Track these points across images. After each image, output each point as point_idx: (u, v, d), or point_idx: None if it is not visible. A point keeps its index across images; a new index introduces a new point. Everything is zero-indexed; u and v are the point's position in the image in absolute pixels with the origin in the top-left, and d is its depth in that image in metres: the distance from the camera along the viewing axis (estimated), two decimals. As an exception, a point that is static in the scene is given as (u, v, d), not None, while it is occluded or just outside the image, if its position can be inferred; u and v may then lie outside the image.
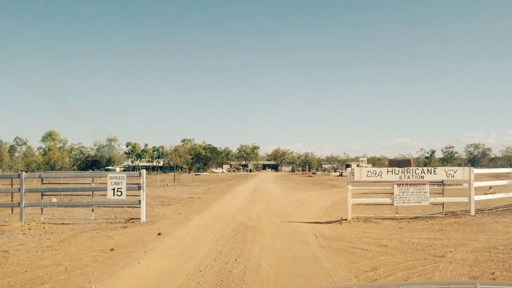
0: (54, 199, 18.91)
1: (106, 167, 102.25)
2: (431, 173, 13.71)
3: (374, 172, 13.86)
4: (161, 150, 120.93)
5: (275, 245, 9.77)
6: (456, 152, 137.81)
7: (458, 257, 8.08)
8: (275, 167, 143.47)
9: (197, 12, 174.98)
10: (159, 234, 11.31)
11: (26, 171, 76.19)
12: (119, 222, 13.67)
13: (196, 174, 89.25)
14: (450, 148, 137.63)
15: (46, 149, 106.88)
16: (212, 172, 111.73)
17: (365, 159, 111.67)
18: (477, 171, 14.78)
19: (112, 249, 9.34)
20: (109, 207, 16.42)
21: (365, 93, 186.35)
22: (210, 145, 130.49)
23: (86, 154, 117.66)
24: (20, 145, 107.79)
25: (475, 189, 14.06)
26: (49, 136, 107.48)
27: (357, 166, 50.10)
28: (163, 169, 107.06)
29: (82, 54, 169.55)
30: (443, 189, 14.15)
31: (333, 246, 9.54)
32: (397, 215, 13.95)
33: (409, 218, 13.56)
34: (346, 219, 13.42)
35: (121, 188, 13.70)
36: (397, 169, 13.83)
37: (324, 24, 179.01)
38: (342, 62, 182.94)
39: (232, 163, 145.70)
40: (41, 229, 12.34)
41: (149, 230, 12.03)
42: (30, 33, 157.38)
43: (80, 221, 13.93)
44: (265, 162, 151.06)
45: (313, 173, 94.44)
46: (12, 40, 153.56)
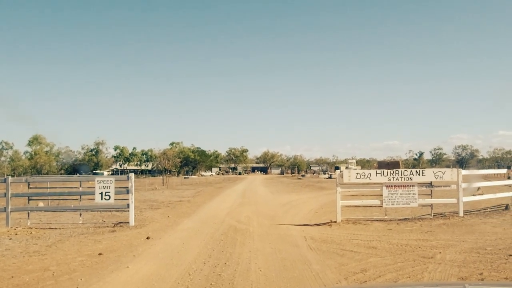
0: (41, 204, 18.68)
1: (94, 171, 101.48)
2: (420, 175, 13.79)
3: (363, 174, 13.91)
4: (150, 154, 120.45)
5: (265, 248, 9.75)
6: (445, 154, 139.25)
7: (447, 258, 8.12)
8: (264, 170, 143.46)
9: (181, 16, 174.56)
10: (148, 238, 11.23)
11: (13, 176, 75.50)
12: (107, 226, 13.56)
13: (185, 178, 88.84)
14: (439, 150, 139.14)
15: (33, 153, 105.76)
16: (201, 175, 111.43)
17: (354, 161, 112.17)
18: (465, 173, 14.89)
19: (100, 254, 9.25)
20: (97, 211, 16.26)
21: (354, 96, 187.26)
22: (199, 148, 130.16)
23: (74, 158, 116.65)
24: (6, 150, 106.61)
25: (464, 190, 14.16)
26: (35, 140, 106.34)
27: (346, 168, 50.30)
28: (152, 173, 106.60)
29: (69, 58, 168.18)
30: (432, 191, 14.24)
31: (323, 248, 9.54)
32: (386, 217, 14.01)
33: (398, 220, 13.62)
34: (336, 221, 13.44)
35: (109, 192, 13.59)
36: (386, 171, 13.89)
37: (312, 26, 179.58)
38: (331, 65, 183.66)
39: (221, 166, 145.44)
40: (28, 234, 12.18)
41: (138, 234, 11.94)
42: (16, 36, 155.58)
43: (68, 226, 13.79)
44: (254, 165, 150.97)
45: (302, 176, 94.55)
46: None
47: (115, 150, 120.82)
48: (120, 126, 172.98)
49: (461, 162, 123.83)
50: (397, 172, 13.80)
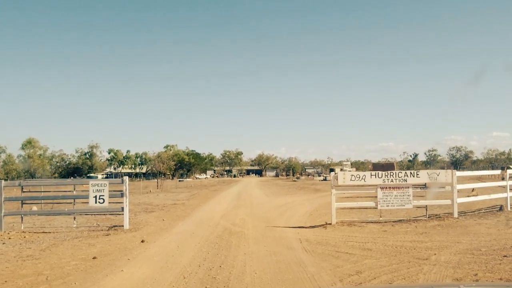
0: (35, 208, 18.56)
1: (88, 175, 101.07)
2: (414, 176, 13.81)
3: (358, 176, 13.92)
4: (144, 157, 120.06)
5: (260, 251, 9.73)
6: (439, 155, 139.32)
7: (442, 260, 8.14)
8: (259, 172, 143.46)
9: (175, 18, 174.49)
10: (143, 242, 11.18)
11: (6, 179, 75.00)
12: (102, 230, 13.49)
13: (180, 180, 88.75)
14: (433, 151, 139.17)
15: (26, 157, 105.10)
16: (196, 178, 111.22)
17: (349, 163, 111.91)
18: (460, 174, 14.94)
19: (95, 257, 9.21)
20: (91, 215, 16.20)
21: (349, 98, 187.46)
22: (194, 151, 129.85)
23: (68, 162, 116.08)
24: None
25: (458, 192, 14.20)
26: (29, 144, 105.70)
27: (341, 170, 50.36)
28: (146, 176, 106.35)
29: (62, 60, 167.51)
30: (426, 192, 14.27)
31: (318, 251, 9.54)
32: (381, 219, 14.02)
33: (393, 222, 13.64)
34: (331, 223, 13.44)
35: (103, 196, 13.54)
36: (381, 173, 13.91)
37: (305, 28, 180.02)
38: (326, 67, 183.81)
39: (216, 169, 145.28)
40: (22, 238, 12.11)
41: (132, 238, 11.89)
42: (8, 38, 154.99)
43: (62, 230, 13.71)
44: (249, 168, 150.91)
45: (297, 178, 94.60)
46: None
47: (109, 153, 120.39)
48: (114, 129, 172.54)
49: (456, 163, 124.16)
50: (392, 174, 13.83)
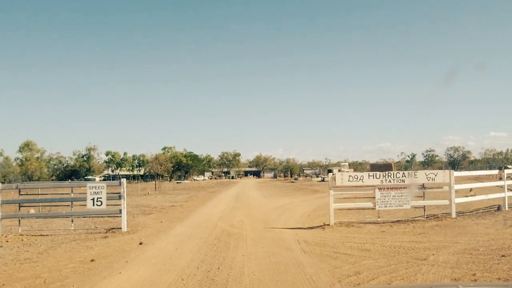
0: (32, 210, 18.55)
1: (86, 177, 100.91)
2: (412, 177, 13.81)
3: (356, 177, 13.92)
4: (142, 159, 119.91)
5: (258, 252, 9.72)
6: (437, 155, 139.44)
7: (440, 260, 8.14)
8: (257, 174, 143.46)
9: (173, 20, 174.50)
10: (141, 244, 11.16)
11: (3, 182, 74.84)
12: (100, 232, 13.46)
13: (178, 182, 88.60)
14: (431, 152, 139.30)
15: (24, 160, 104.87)
16: (194, 180, 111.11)
17: (347, 164, 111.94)
18: (457, 174, 14.95)
19: (93, 260, 9.18)
20: (89, 217, 16.14)
21: (347, 98, 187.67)
22: (191, 153, 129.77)
23: (65, 164, 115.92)
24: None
25: (456, 192, 14.21)
26: (26, 147, 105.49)
27: (339, 171, 50.33)
28: (144, 178, 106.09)
29: (59, 63, 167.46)
30: (424, 192, 14.28)
31: (316, 252, 9.53)
32: (379, 219, 14.02)
33: (391, 222, 13.64)
34: (329, 224, 13.43)
35: (101, 198, 13.51)
36: (378, 174, 13.92)
37: (303, 29, 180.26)
38: (324, 68, 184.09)
39: (214, 171, 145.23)
40: (19, 241, 12.07)
41: (130, 240, 11.87)
42: (5, 40, 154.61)
43: (59, 232, 13.67)
44: (247, 169, 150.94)
45: (295, 179, 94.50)
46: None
47: (107, 156, 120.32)
48: (112, 132, 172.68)
49: (453, 164, 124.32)
50: (390, 175, 13.84)
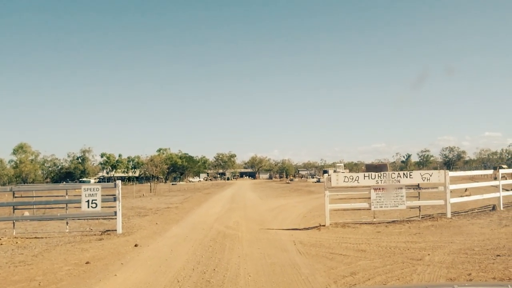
0: (27, 213, 18.48)
1: (81, 179, 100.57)
2: (407, 177, 13.84)
3: (351, 178, 13.93)
4: (137, 160, 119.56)
5: (254, 253, 9.70)
6: (432, 156, 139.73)
7: (436, 260, 8.15)
8: (253, 175, 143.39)
9: (166, 21, 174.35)
10: (136, 246, 11.12)
11: (-2, 185, 74.46)
12: (95, 235, 13.41)
13: (173, 184, 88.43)
14: (426, 152, 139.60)
15: (18, 162, 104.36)
16: (189, 181, 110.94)
17: (342, 165, 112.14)
18: (453, 174, 14.98)
19: (88, 262, 9.14)
20: (84, 220, 16.09)
21: (341, 99, 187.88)
22: (187, 154, 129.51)
23: (60, 166, 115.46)
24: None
25: (451, 192, 14.25)
26: (20, 149, 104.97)
27: (334, 172, 50.41)
28: (139, 180, 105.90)
29: (54, 64, 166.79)
30: (419, 193, 14.31)
31: (312, 252, 9.52)
32: (375, 220, 14.04)
33: (387, 222, 13.66)
34: (324, 225, 13.44)
35: (96, 200, 13.45)
36: (374, 174, 13.93)
37: (297, 30, 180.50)
38: (318, 69, 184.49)
39: (209, 172, 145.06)
40: (13, 244, 12.00)
41: (126, 242, 11.82)
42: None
43: (54, 235, 13.60)
44: (243, 170, 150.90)
45: (291, 180, 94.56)
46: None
47: (102, 157, 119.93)
48: (107, 133, 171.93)
49: (448, 164, 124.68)
50: (385, 175, 13.86)
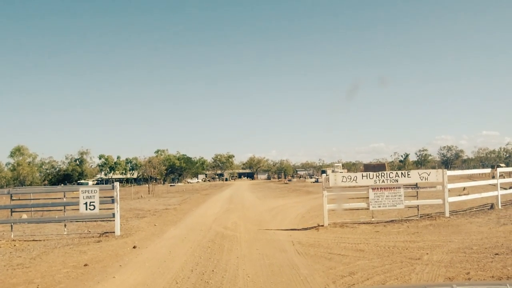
0: (25, 216, 18.40)
1: (79, 181, 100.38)
2: (405, 176, 13.84)
3: (349, 177, 13.93)
4: (135, 162, 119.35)
5: (252, 254, 9.70)
6: (430, 155, 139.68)
7: (434, 259, 8.15)
8: (251, 175, 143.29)
9: (163, 23, 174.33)
10: (134, 247, 11.10)
11: (-4, 188, 74.30)
12: (93, 237, 13.38)
13: (171, 185, 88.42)
14: (424, 151, 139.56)
15: (15, 165, 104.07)
16: (187, 183, 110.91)
17: (340, 165, 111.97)
18: (451, 173, 14.99)
19: (86, 265, 9.12)
20: (82, 222, 16.07)
21: (338, 100, 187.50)
22: (185, 155, 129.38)
23: (58, 168, 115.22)
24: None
25: (449, 191, 14.26)
26: (18, 151, 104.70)
27: (333, 172, 50.39)
28: (138, 181, 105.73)
29: (52, 66, 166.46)
30: (418, 192, 14.32)
31: (310, 253, 9.52)
32: (373, 219, 14.05)
33: (385, 222, 13.66)
34: (323, 225, 13.43)
35: (94, 202, 13.43)
36: (372, 174, 13.94)
37: (295, 31, 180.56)
38: (315, 69, 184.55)
39: (207, 173, 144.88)
40: (11, 247, 11.97)
41: (124, 244, 11.81)
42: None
43: (52, 237, 13.57)
44: (241, 171, 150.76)
45: (289, 180, 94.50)
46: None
47: (100, 159, 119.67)
48: (105, 135, 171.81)
49: (446, 163, 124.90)
50: (383, 175, 13.86)
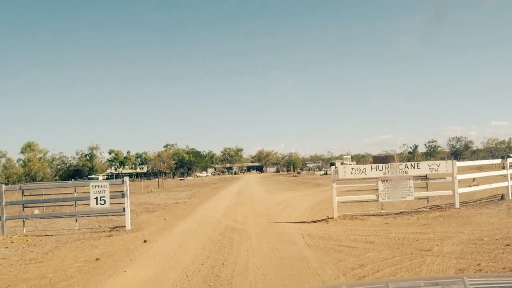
0: (36, 211, 18.60)
1: (89, 176, 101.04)
2: (415, 168, 13.78)
3: (358, 170, 13.89)
4: (144, 157, 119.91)
5: (262, 247, 9.72)
6: (439, 146, 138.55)
7: (445, 250, 8.12)
8: (260, 169, 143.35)
9: (171, 18, 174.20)
10: (145, 242, 11.17)
11: (6, 184, 74.89)
12: (104, 231, 13.49)
13: (181, 179, 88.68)
14: (433, 142, 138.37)
15: (26, 161, 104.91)
16: (197, 176, 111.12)
17: (349, 157, 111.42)
18: (460, 164, 14.90)
19: (97, 259, 9.20)
20: (93, 216, 16.17)
21: (347, 92, 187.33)
22: (194, 149, 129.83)
23: (68, 164, 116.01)
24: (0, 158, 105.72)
25: (459, 182, 14.18)
26: (29, 147, 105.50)
27: (342, 164, 50.17)
28: (147, 176, 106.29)
29: (61, 62, 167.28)
30: (427, 183, 14.25)
31: (320, 245, 9.53)
32: (383, 211, 14.01)
33: (395, 214, 13.62)
34: (332, 218, 13.43)
35: (104, 197, 13.52)
36: (381, 165, 13.88)
37: (303, 26, 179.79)
38: (324, 63, 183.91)
39: (217, 167, 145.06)
40: (24, 242, 12.10)
41: (135, 238, 11.88)
42: (7, 41, 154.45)
43: (64, 232, 13.70)
44: (250, 164, 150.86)
45: (298, 173, 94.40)
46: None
47: (110, 154, 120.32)
48: (114, 130, 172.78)
49: (456, 154, 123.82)
50: (392, 166, 13.81)
